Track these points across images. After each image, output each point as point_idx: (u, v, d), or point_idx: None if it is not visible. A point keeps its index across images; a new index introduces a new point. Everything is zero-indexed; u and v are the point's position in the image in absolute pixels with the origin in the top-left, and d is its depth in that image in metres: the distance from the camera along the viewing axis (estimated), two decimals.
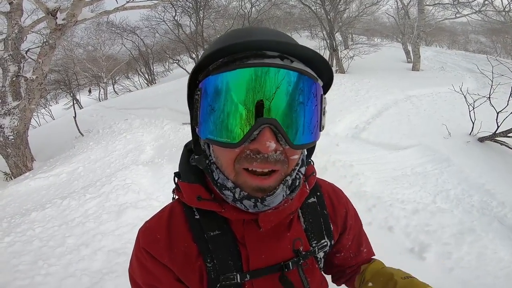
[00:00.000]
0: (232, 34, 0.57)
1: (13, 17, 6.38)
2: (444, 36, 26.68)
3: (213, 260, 0.63)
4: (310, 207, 0.72)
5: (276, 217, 0.61)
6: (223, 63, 0.51)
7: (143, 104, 10.03)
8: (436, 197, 3.15)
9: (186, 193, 0.63)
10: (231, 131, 0.49)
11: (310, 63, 0.53)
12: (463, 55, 14.36)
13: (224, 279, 0.62)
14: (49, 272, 2.50)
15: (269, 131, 0.48)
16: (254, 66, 0.48)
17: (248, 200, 0.55)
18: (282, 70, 0.48)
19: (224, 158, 0.54)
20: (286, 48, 0.50)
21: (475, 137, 4.31)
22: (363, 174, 3.50)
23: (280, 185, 0.55)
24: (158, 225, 0.67)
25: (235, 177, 0.55)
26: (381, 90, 7.16)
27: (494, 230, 2.62)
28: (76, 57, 18.84)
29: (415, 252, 2.40)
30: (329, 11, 10.72)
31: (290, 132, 0.50)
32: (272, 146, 0.49)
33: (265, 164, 0.51)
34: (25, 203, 4.42)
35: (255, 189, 0.54)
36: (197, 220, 0.65)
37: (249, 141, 0.50)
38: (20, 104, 6.29)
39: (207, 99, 0.51)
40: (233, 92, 0.49)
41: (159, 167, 4.59)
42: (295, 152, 0.54)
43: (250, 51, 0.50)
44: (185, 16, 16.92)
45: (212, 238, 0.63)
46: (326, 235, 0.73)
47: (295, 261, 0.66)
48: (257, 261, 0.64)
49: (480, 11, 10.86)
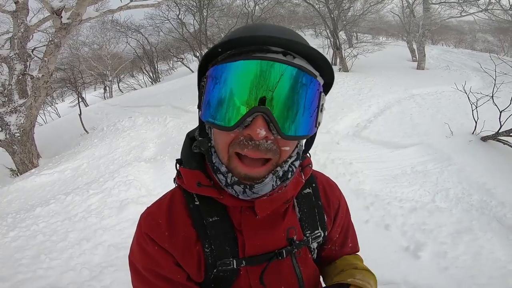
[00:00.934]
0: (243, 29, 0.61)
1: (19, 16, 6.48)
2: (451, 35, 26.35)
3: (211, 246, 0.65)
4: (305, 197, 0.74)
5: (271, 204, 0.64)
6: (230, 55, 0.56)
7: (147, 102, 10.11)
8: (435, 196, 3.14)
9: (187, 179, 0.66)
10: (228, 115, 0.53)
11: (313, 61, 0.56)
12: (469, 54, 14.18)
13: (220, 264, 0.65)
14: (51, 265, 2.57)
15: (261, 119, 0.51)
16: (256, 59, 0.52)
17: (238, 186, 0.57)
18: (282, 64, 0.52)
19: (221, 141, 0.58)
20: (289, 44, 0.53)
21: (477, 136, 4.27)
22: (362, 172, 3.50)
23: (270, 175, 0.57)
24: (159, 210, 0.69)
25: (228, 161, 0.58)
26: (384, 89, 7.12)
27: (492, 230, 2.60)
28: (81, 56, 19.04)
29: (410, 250, 2.40)
30: (333, 9, 10.67)
31: (282, 122, 0.52)
32: (262, 133, 0.52)
33: (255, 152, 0.54)
34: (30, 198, 4.51)
35: (243, 177, 0.56)
36: (197, 206, 0.67)
37: (243, 127, 0.53)
38: (26, 102, 6.40)
39: (210, 85, 0.56)
40: (234, 81, 0.53)
41: (161, 164, 4.64)
42: (287, 143, 0.56)
43: (256, 45, 0.54)
44: (189, 14, 17.00)
45: (211, 224, 0.65)
46: (320, 226, 0.75)
47: (289, 250, 0.68)
48: (253, 248, 0.66)
49: (487, 9, 10.71)
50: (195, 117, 7.05)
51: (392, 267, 2.25)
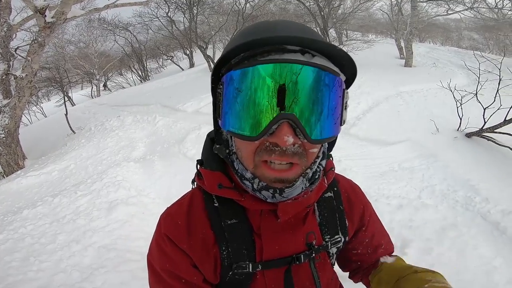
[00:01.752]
0: (256, 28, 0.58)
1: (1, 15, 6.30)
2: (438, 33, 26.82)
3: (228, 248, 0.64)
4: (326, 201, 0.73)
5: (294, 208, 0.62)
6: (244, 57, 0.53)
7: (136, 101, 9.98)
8: (421, 192, 3.19)
9: (208, 180, 0.65)
10: (251, 125, 0.51)
11: (332, 57, 0.54)
12: (455, 51, 14.45)
13: (236, 268, 0.64)
14: (41, 268, 2.55)
15: (287, 125, 0.50)
16: (274, 62, 0.49)
17: (266, 191, 0.56)
18: (302, 66, 0.49)
19: (245, 149, 0.56)
20: (307, 43, 0.51)
21: (462, 133, 4.38)
22: (351, 170, 3.54)
23: (300, 178, 0.56)
24: (179, 211, 0.69)
25: (254, 169, 0.56)
26: (373, 86, 7.19)
27: (476, 226, 2.63)
28: (67, 54, 18.59)
29: (397, 247, 2.41)
30: (323, 7, 10.73)
31: (308, 127, 0.51)
32: (290, 140, 0.50)
33: (283, 157, 0.52)
34: (17, 201, 4.41)
35: (273, 180, 0.55)
36: (216, 208, 0.66)
37: (268, 135, 0.51)
38: (10, 102, 6.24)
39: (228, 93, 0.53)
40: (253, 87, 0.50)
41: (151, 163, 4.60)
42: (314, 145, 0.55)
43: (272, 45, 0.51)
44: (179, 12, 16.79)
45: (229, 226, 0.65)
46: (341, 231, 0.73)
47: (307, 254, 0.67)
48: (271, 252, 0.65)
49: (472, 7, 10.93)
50: (185, 116, 7.02)
51: None
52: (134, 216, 3.21)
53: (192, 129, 5.75)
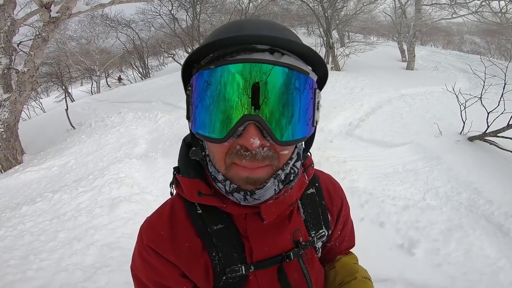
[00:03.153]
0: (225, 28, 0.56)
1: (6, 9, 6.24)
2: (440, 36, 26.90)
3: (218, 254, 0.64)
4: (309, 198, 0.73)
5: (277, 208, 0.62)
6: (213, 58, 0.51)
7: (137, 98, 9.94)
8: (426, 194, 3.20)
9: (186, 188, 0.63)
10: (217, 126, 0.49)
11: (304, 57, 0.53)
12: (457, 55, 14.52)
13: (230, 271, 0.64)
14: (41, 266, 2.48)
15: (253, 127, 0.48)
16: (241, 62, 0.47)
17: (238, 193, 0.55)
18: (269, 65, 0.47)
19: (216, 152, 0.55)
20: (276, 42, 0.49)
21: (465, 136, 4.38)
22: (356, 171, 3.54)
23: (271, 179, 0.55)
24: (160, 221, 0.67)
25: (226, 170, 0.55)
26: (375, 88, 7.21)
27: (481, 227, 2.66)
28: (68, 50, 18.52)
29: (404, 248, 2.44)
30: (327, 8, 10.71)
31: (276, 128, 0.49)
32: (257, 142, 0.48)
33: (253, 162, 0.51)
34: (15, 196, 4.36)
35: (245, 180, 0.53)
36: (199, 214, 0.65)
37: (236, 137, 0.50)
38: (11, 96, 6.18)
39: (196, 94, 0.52)
40: (220, 88, 0.48)
41: (153, 160, 4.57)
42: (284, 147, 0.53)
43: (239, 45, 0.49)
44: (182, 10, 16.75)
45: (216, 232, 0.64)
46: (324, 225, 0.74)
47: (296, 252, 0.67)
48: (260, 253, 0.65)
49: (477, 12, 10.94)
50: None
51: (387, 264, 2.29)
52: (138, 213, 3.17)
53: None
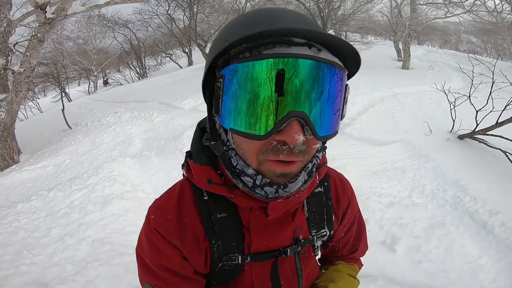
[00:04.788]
0: (257, 17, 0.54)
1: (1, 10, 6.28)
2: (436, 35, 26.96)
3: (218, 241, 0.65)
4: (316, 196, 0.73)
5: (285, 206, 0.62)
6: (246, 48, 0.49)
7: (134, 98, 9.96)
8: (412, 191, 3.24)
9: (197, 175, 0.63)
10: (258, 123, 0.47)
11: (336, 50, 0.52)
12: (453, 54, 14.55)
13: (226, 259, 0.66)
14: (34, 261, 2.54)
15: (297, 123, 0.47)
16: (282, 57, 0.46)
17: (269, 187, 0.55)
18: (311, 61, 0.47)
19: (248, 148, 0.53)
20: (314, 36, 0.48)
21: (455, 135, 4.44)
22: (344, 168, 3.58)
23: (302, 172, 0.56)
24: (168, 205, 0.68)
25: (258, 166, 0.54)
26: (369, 87, 7.25)
27: (464, 225, 2.69)
28: (65, 50, 18.52)
29: (386, 244, 2.48)
30: (323, 8, 10.77)
31: (316, 124, 0.49)
32: (301, 139, 0.48)
33: (290, 156, 0.51)
34: (11, 195, 4.41)
35: (278, 175, 0.53)
36: (205, 201, 0.66)
37: (276, 133, 0.48)
38: (7, 97, 6.22)
39: (231, 87, 0.49)
40: (259, 82, 0.46)
41: (147, 159, 4.62)
42: (317, 141, 0.54)
43: (277, 37, 0.48)
44: (179, 10, 16.77)
45: (219, 220, 0.65)
46: (327, 225, 0.74)
47: (293, 248, 0.68)
48: (259, 246, 0.66)
49: (471, 10, 11.00)
50: (182, 113, 7.03)
51: (370, 261, 2.32)
52: (129, 210, 3.23)
53: (189, 126, 5.77)
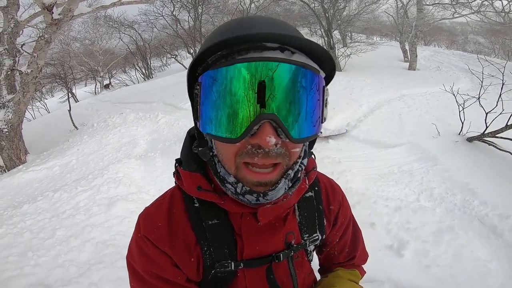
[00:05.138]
0: (232, 26, 0.56)
1: (9, 11, 6.37)
2: (443, 36, 26.67)
3: (210, 248, 0.65)
4: (306, 201, 0.73)
5: (274, 211, 0.62)
6: (222, 56, 0.51)
7: (139, 99, 10.02)
8: (420, 195, 3.20)
9: (187, 182, 0.64)
10: (231, 126, 0.49)
11: (312, 54, 0.53)
12: (460, 55, 14.39)
13: (219, 266, 0.65)
14: (38, 263, 2.54)
15: (269, 125, 0.48)
16: (253, 61, 0.47)
17: (250, 195, 0.55)
18: (282, 64, 0.47)
19: (225, 152, 0.54)
20: (286, 39, 0.49)
21: (464, 137, 4.36)
22: (350, 171, 3.54)
23: (282, 179, 0.55)
24: (159, 212, 0.67)
25: (236, 171, 0.55)
26: (376, 89, 7.19)
27: (473, 229, 2.64)
28: (72, 51, 18.74)
29: (394, 249, 2.45)
30: (328, 8, 10.71)
31: (290, 126, 0.49)
32: (272, 141, 0.48)
33: (266, 159, 0.51)
34: (17, 195, 4.45)
35: (255, 184, 0.54)
36: (196, 208, 0.65)
37: (249, 136, 0.49)
38: (15, 97, 6.30)
39: (206, 94, 0.51)
40: (232, 87, 0.48)
41: (152, 161, 4.63)
42: (296, 145, 0.54)
43: (249, 43, 0.49)
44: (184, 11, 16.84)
45: (210, 227, 0.65)
46: (319, 229, 0.74)
47: (286, 253, 0.68)
48: (251, 252, 0.66)
49: (479, 11, 10.85)
50: (187, 115, 7.02)
51: (376, 265, 2.29)
52: (134, 212, 3.22)
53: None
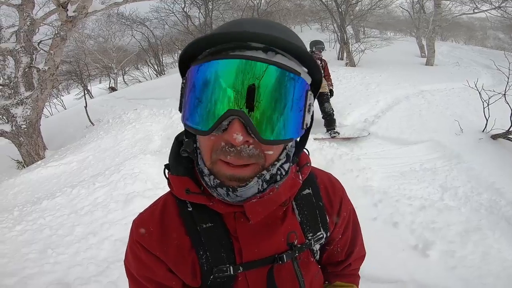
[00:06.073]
0: (224, 25, 0.57)
1: (24, 9, 6.48)
2: (461, 31, 25.93)
3: (206, 253, 0.64)
4: (305, 199, 0.71)
5: (263, 208, 0.60)
6: (209, 53, 0.52)
7: (152, 95, 10.10)
8: (444, 194, 3.09)
9: (175, 186, 0.63)
10: (204, 119, 0.50)
11: (300, 58, 0.52)
12: (479, 50, 13.93)
13: (217, 271, 0.63)
14: (58, 260, 2.53)
15: (238, 122, 0.48)
16: (232, 58, 0.48)
17: (221, 188, 0.55)
18: (260, 63, 0.47)
19: (203, 145, 0.55)
20: (271, 40, 0.48)
21: (488, 134, 4.20)
22: (370, 169, 3.46)
23: (255, 178, 0.54)
24: (151, 217, 0.68)
25: (211, 165, 0.55)
26: (392, 84, 7.03)
27: (501, 229, 2.56)
28: (87, 49, 19.07)
29: (418, 249, 2.37)
30: (341, 3, 10.52)
31: (260, 126, 0.49)
32: (239, 138, 0.48)
33: (238, 159, 0.51)
34: (36, 191, 4.52)
35: (229, 177, 0.53)
36: (190, 212, 0.65)
37: (221, 131, 0.50)
38: (33, 94, 6.42)
39: (188, 87, 0.53)
40: (209, 82, 0.49)
41: (167, 156, 4.60)
42: (270, 147, 0.53)
43: (235, 42, 0.49)
44: (194, 7, 16.84)
45: (205, 231, 0.63)
46: (322, 227, 0.72)
47: (289, 254, 0.66)
48: (250, 254, 0.64)
49: (500, 7, 10.48)
50: None
51: (399, 266, 2.22)
52: None
53: None
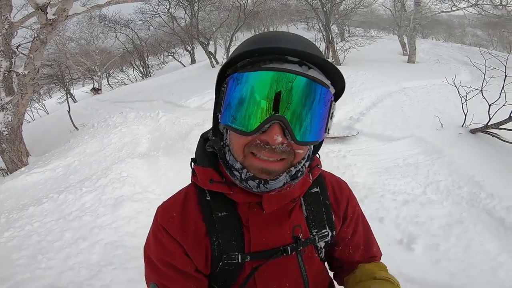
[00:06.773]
0: (263, 38, 0.64)
1: (2, 13, 6.27)
2: (441, 29, 26.61)
3: (218, 239, 0.70)
4: (312, 196, 0.78)
5: (278, 200, 0.67)
6: (249, 62, 0.60)
7: (138, 97, 9.97)
8: (426, 188, 3.19)
9: (200, 176, 0.71)
10: (247, 122, 0.57)
11: (326, 72, 0.61)
12: (459, 48, 14.35)
13: (226, 258, 0.69)
14: (49, 265, 2.54)
15: (278, 126, 0.56)
16: (274, 70, 0.56)
17: (252, 181, 0.62)
18: (298, 76, 0.56)
19: (237, 142, 0.62)
20: (306, 56, 0.58)
21: (467, 129, 4.36)
22: (356, 165, 3.55)
23: (284, 173, 0.62)
24: (174, 204, 0.75)
25: (243, 159, 0.62)
26: (376, 82, 7.18)
27: (482, 222, 2.64)
28: (68, 51, 18.55)
29: (404, 243, 2.45)
30: (325, 3, 10.65)
31: (296, 129, 0.57)
32: (279, 139, 0.56)
33: (271, 154, 0.58)
34: (22, 198, 4.42)
35: (260, 170, 0.60)
36: (208, 201, 0.72)
37: (261, 132, 0.57)
38: (13, 99, 6.24)
39: (231, 91, 0.60)
40: (253, 89, 0.57)
41: (155, 159, 4.61)
42: (300, 147, 0.60)
43: (273, 55, 0.58)
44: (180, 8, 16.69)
45: (220, 219, 0.70)
46: (328, 225, 0.77)
47: (294, 247, 0.71)
48: (258, 243, 0.69)
49: (477, 4, 10.82)
50: (188, 112, 7.02)
51: (386, 260, 2.25)
52: (140, 212, 3.21)
53: (195, 124, 5.74)
